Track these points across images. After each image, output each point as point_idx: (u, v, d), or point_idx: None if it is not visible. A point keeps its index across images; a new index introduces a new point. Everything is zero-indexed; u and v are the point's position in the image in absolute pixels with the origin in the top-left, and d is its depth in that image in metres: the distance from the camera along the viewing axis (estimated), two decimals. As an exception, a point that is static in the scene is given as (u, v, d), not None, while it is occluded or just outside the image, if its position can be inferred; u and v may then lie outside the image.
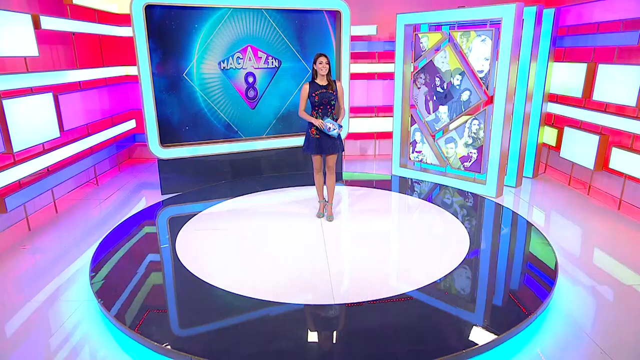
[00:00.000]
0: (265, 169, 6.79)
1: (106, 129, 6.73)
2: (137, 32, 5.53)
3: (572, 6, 6.05)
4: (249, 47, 6.29)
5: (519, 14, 5.41)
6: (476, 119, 5.98)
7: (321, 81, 4.73)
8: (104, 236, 4.69)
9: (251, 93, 6.48)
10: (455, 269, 3.93)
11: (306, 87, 4.73)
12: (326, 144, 4.78)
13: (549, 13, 6.07)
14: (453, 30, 6.01)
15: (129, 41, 7.21)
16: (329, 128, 4.67)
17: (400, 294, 3.52)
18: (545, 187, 6.28)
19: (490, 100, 5.82)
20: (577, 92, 5.93)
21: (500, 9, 5.46)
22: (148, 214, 5.38)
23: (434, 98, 6.34)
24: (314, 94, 4.70)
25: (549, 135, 6.58)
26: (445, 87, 6.18)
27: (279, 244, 4.56)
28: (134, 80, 7.47)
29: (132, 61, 7.28)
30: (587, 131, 5.79)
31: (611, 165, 5.41)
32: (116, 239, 4.64)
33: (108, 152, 6.85)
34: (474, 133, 6.04)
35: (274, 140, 6.70)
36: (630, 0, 5.18)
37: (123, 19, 7.25)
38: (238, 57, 6.26)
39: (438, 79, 6.23)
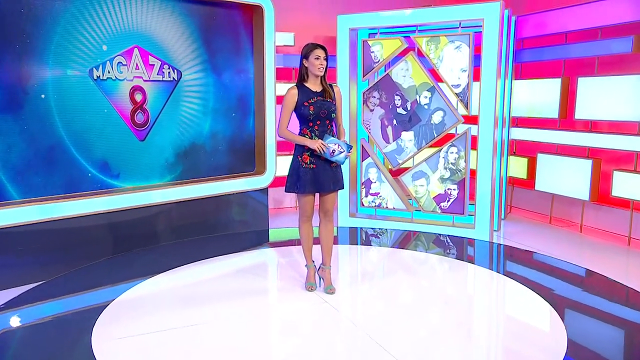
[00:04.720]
0: (164, 234, 4.99)
1: None
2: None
3: (530, 15, 5.94)
4: (136, 49, 4.66)
5: (502, 16, 5.00)
6: (454, 146, 5.29)
7: (314, 85, 3.51)
8: None
9: (140, 117, 4.77)
10: None
11: (293, 92, 3.46)
12: (325, 177, 3.49)
13: (512, 21, 5.87)
14: (414, 35, 5.34)
15: None
16: (333, 151, 3.39)
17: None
18: (527, 228, 5.80)
19: (471, 121, 5.23)
20: (550, 112, 5.70)
21: (481, 8, 4.96)
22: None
23: (394, 122, 5.49)
24: (306, 103, 3.44)
25: (515, 166, 6.26)
26: (409, 108, 5.40)
27: (282, 344, 3.07)
28: None
29: None
30: (573, 156, 5.55)
31: (614, 193, 5.18)
32: None
33: None
34: (452, 164, 5.32)
35: (175, 189, 4.99)
36: (608, 6, 5.18)
37: None
38: (120, 62, 4.57)
39: (399, 97, 5.43)
